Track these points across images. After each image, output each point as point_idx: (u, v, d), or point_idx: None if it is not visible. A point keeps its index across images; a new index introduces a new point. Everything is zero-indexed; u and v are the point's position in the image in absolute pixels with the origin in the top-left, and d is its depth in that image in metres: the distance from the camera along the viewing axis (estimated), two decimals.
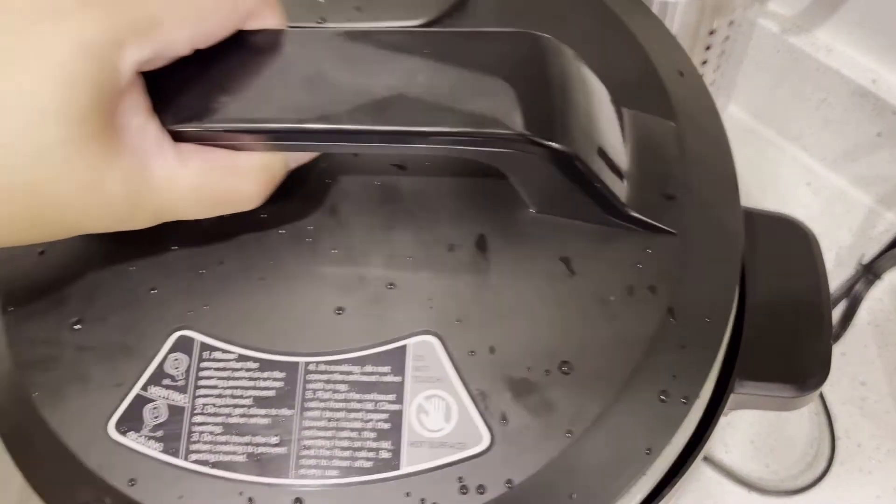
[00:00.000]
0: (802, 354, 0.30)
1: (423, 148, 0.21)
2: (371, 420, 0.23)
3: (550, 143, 0.21)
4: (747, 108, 0.67)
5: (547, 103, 0.22)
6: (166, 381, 0.24)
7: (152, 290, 0.26)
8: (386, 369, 0.24)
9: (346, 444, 0.23)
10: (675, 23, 0.49)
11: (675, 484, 0.28)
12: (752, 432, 0.54)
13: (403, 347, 0.24)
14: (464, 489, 0.23)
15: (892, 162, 0.59)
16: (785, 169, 0.64)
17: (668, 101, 0.28)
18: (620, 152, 0.25)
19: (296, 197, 0.26)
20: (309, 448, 0.23)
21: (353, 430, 0.23)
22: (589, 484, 0.23)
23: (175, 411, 0.24)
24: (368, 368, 0.24)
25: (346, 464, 0.23)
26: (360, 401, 0.24)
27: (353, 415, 0.23)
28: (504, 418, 0.23)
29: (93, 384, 0.25)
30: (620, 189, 0.24)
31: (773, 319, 0.30)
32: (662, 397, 0.24)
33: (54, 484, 0.25)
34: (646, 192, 0.25)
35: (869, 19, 0.54)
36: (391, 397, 0.24)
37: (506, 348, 0.24)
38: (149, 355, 0.25)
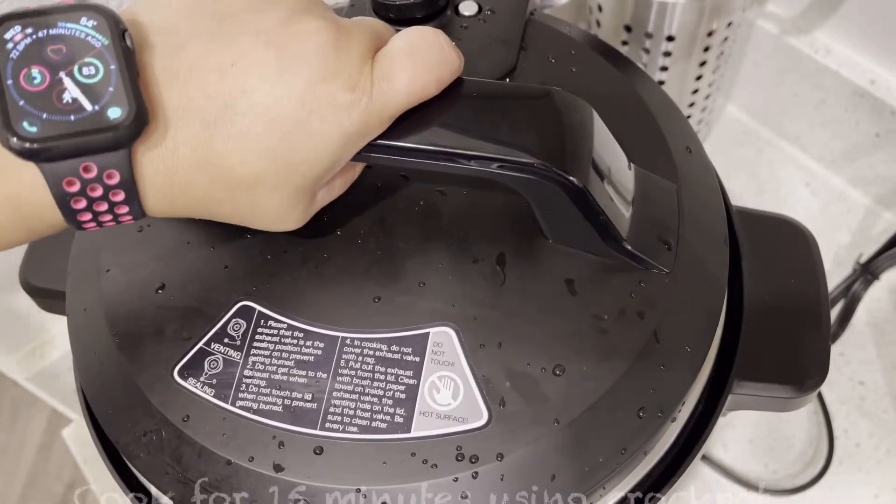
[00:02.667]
0: (801, 355, 0.31)
1: (465, 168, 0.27)
2: (391, 390, 0.28)
3: (564, 174, 0.26)
4: (746, 109, 0.66)
5: (566, 143, 0.27)
6: (226, 340, 0.29)
7: (225, 266, 0.31)
8: (408, 350, 0.28)
9: (367, 406, 0.28)
10: (675, 24, 0.49)
11: (673, 482, 0.30)
12: (751, 431, 0.54)
13: (426, 334, 0.28)
14: (460, 456, 0.27)
15: (891, 162, 0.59)
16: (783, 169, 0.64)
17: (674, 168, 0.33)
18: (626, 196, 0.30)
19: (353, 208, 0.31)
20: (336, 407, 0.28)
21: (374, 396, 0.28)
22: (569, 468, 0.27)
23: (229, 364, 0.29)
24: (394, 348, 0.28)
25: (364, 423, 0.27)
26: (383, 373, 0.28)
27: (376, 384, 0.28)
28: (502, 402, 0.27)
29: (166, 336, 0.30)
30: (623, 226, 0.29)
31: (772, 320, 0.32)
32: (640, 407, 0.28)
33: (119, 415, 0.29)
34: (645, 236, 0.30)
35: (867, 20, 0.54)
36: (409, 373, 0.28)
37: (511, 346, 0.28)
38: (215, 318, 0.30)
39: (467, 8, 0.36)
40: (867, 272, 0.55)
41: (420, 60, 0.26)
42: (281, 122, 0.24)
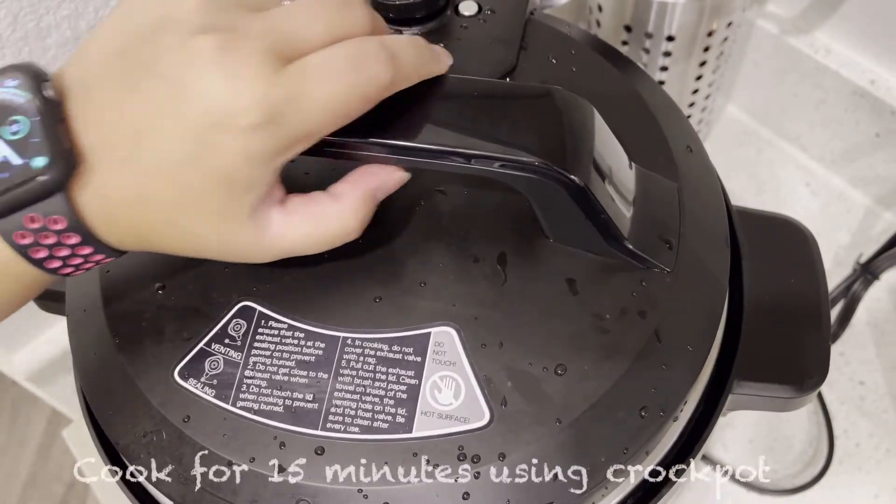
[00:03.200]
0: (801, 355, 0.32)
1: (467, 167, 0.26)
2: (392, 390, 0.28)
3: (566, 173, 0.26)
4: (746, 109, 0.67)
5: (567, 142, 0.27)
6: (227, 341, 0.29)
7: (226, 267, 0.31)
8: (410, 350, 0.28)
9: (368, 406, 0.27)
10: (675, 24, 0.49)
11: (673, 482, 0.30)
12: (751, 431, 0.54)
13: (427, 334, 0.28)
14: (462, 456, 0.27)
15: (891, 162, 0.59)
16: (783, 169, 0.65)
17: (675, 168, 0.33)
18: (627, 196, 0.30)
19: None
20: (337, 407, 0.28)
21: (376, 396, 0.28)
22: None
23: (230, 365, 0.29)
24: (396, 348, 0.28)
25: (366, 423, 0.27)
26: (385, 373, 0.28)
27: (377, 384, 0.28)
28: (504, 402, 0.27)
29: (166, 336, 0.29)
30: (624, 225, 0.29)
31: (772, 320, 0.32)
32: (642, 406, 0.28)
33: (119, 416, 0.29)
34: (646, 235, 0.30)
35: (867, 20, 0.54)
36: (411, 373, 0.28)
37: (512, 346, 0.28)
38: (216, 318, 0.30)
39: (467, 8, 0.36)
40: (867, 272, 0.55)
41: (336, 77, 0.24)
42: (181, 157, 0.24)
